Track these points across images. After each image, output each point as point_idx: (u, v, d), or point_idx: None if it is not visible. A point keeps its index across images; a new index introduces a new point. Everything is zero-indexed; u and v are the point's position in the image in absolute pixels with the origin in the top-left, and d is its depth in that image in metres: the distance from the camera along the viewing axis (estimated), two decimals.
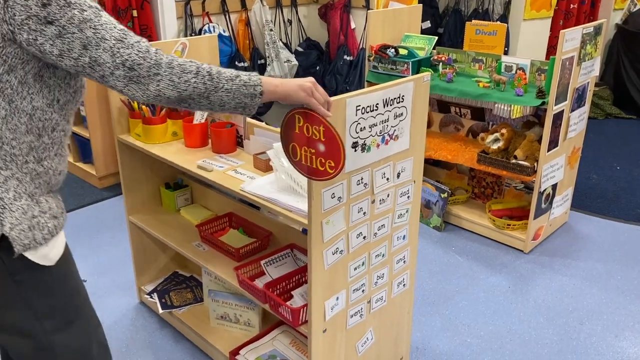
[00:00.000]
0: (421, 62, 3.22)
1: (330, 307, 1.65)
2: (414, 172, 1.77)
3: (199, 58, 2.31)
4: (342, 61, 4.12)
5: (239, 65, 3.81)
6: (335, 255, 1.60)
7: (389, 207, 1.73)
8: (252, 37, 3.99)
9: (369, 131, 1.55)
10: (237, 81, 1.26)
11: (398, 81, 1.59)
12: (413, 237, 1.89)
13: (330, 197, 1.51)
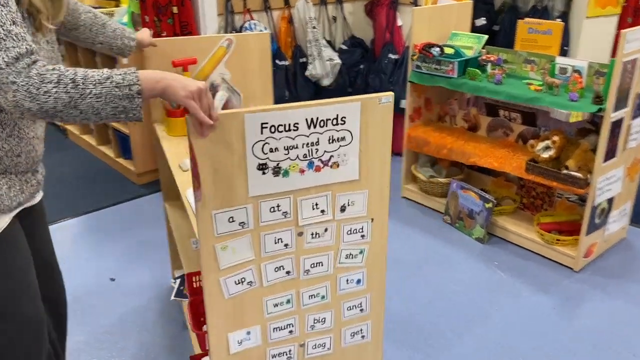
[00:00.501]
0: (468, 62, 3.02)
1: (237, 340, 1.51)
2: (371, 209, 1.48)
3: (248, 57, 2.24)
4: (387, 60, 3.96)
5: (279, 63, 3.73)
6: (241, 286, 1.45)
7: (328, 243, 1.49)
8: (295, 35, 3.89)
9: (286, 153, 1.33)
10: (108, 84, 1.13)
11: (331, 100, 1.32)
12: (377, 283, 1.61)
13: (227, 221, 1.35)
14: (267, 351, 1.57)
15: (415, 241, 3.06)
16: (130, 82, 1.14)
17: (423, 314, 2.46)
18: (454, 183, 3.18)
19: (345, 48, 4.16)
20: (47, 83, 1.10)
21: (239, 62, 2.31)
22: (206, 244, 1.36)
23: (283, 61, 3.76)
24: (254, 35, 2.28)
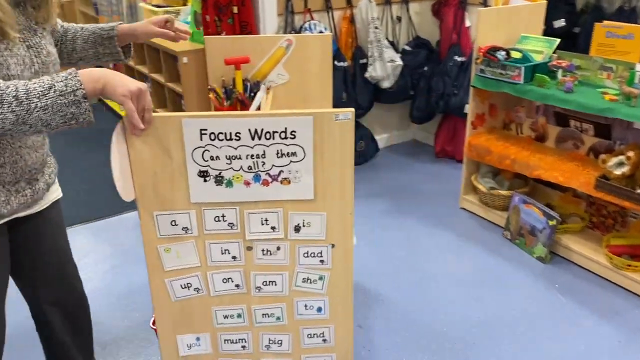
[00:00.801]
0: (536, 68, 2.81)
1: (187, 344, 1.50)
2: (331, 234, 1.36)
3: (308, 58, 2.19)
4: (452, 62, 3.77)
5: (338, 64, 3.64)
6: (187, 291, 1.43)
7: (282, 263, 1.41)
8: (356, 36, 3.79)
9: (228, 163, 1.28)
10: (52, 93, 1.10)
11: (279, 112, 1.26)
12: (342, 315, 1.47)
13: (169, 224, 1.34)
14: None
15: (471, 256, 2.88)
16: (74, 88, 1.11)
17: (471, 335, 2.31)
18: (516, 196, 2.98)
19: (409, 49, 4.01)
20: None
21: (298, 64, 2.27)
22: (149, 244, 1.36)
23: (342, 62, 3.67)
24: (315, 37, 2.23)
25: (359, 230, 3.11)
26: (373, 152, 4.09)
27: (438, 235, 3.08)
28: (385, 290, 2.61)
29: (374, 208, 3.39)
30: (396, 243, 3.01)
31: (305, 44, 2.23)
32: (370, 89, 3.87)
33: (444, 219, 3.25)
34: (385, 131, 4.33)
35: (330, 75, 2.31)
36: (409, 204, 3.43)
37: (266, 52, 2.27)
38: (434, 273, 2.74)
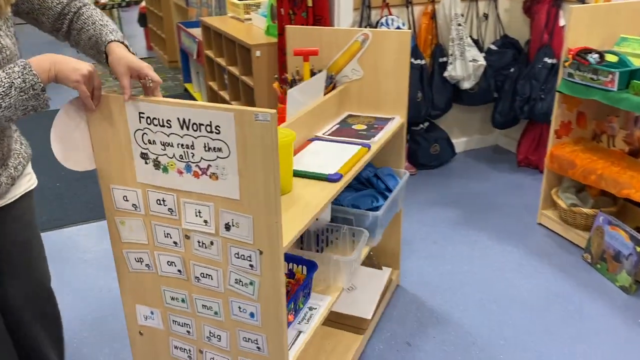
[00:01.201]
0: (634, 74, 2.49)
1: (143, 315, 1.57)
2: (258, 240, 1.27)
3: (384, 54, 2.09)
4: (542, 64, 3.46)
5: (414, 62, 3.45)
6: (140, 265, 1.48)
7: (216, 258, 1.37)
8: (437, 32, 3.58)
9: (163, 149, 1.29)
10: (13, 92, 1.13)
11: (205, 104, 1.20)
12: (273, 328, 1.37)
13: (122, 199, 1.41)
14: (169, 339, 1.57)
15: (543, 278, 2.62)
16: (32, 82, 1.15)
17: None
18: (601, 216, 2.67)
19: (495, 49, 3.74)
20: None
21: (373, 59, 2.17)
22: (109, 213, 1.44)
23: (419, 60, 3.48)
24: (393, 33, 2.10)
25: (420, 240, 2.93)
26: (449, 156, 3.87)
27: (508, 252, 2.83)
28: (443, 307, 2.43)
29: (440, 217, 3.18)
30: (460, 257, 2.80)
31: (381, 39, 2.12)
32: (448, 90, 3.66)
33: (518, 234, 2.99)
34: (464, 135, 4.09)
35: (406, 75, 2.17)
36: (480, 216, 3.19)
37: (342, 45, 2.18)
38: (499, 294, 2.51)
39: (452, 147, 3.87)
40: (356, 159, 1.78)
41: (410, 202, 3.34)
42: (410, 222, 3.12)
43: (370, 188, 2.09)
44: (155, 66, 6.84)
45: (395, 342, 2.23)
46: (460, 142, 4.06)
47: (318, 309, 1.66)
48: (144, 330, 1.60)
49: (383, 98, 2.22)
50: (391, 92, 2.20)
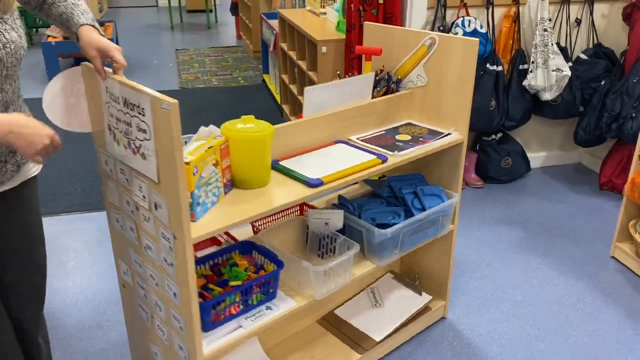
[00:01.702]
0: None
1: (123, 270, 1.69)
2: (173, 223, 1.29)
3: (449, 62, 1.93)
4: (637, 78, 3.09)
5: (490, 68, 3.20)
6: (117, 225, 1.60)
7: (152, 233, 1.42)
8: (519, 37, 3.30)
9: (116, 123, 1.38)
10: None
11: (136, 85, 1.25)
12: (188, 318, 1.38)
13: (104, 162, 1.54)
14: (136, 297, 1.66)
15: (607, 320, 2.33)
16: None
17: None
18: None
19: (585, 58, 3.39)
20: None
21: (438, 67, 1.98)
22: (101, 174, 1.58)
23: (495, 65, 3.22)
24: (459, 40, 1.88)
25: (473, 260, 2.72)
26: (522, 171, 3.57)
27: (571, 285, 2.55)
28: (482, 339, 2.22)
29: (500, 237, 2.94)
30: (514, 284, 2.56)
31: (447, 45, 1.91)
32: (527, 100, 3.37)
33: (585, 266, 2.69)
34: (543, 149, 3.76)
35: (470, 87, 1.94)
36: (545, 240, 2.91)
37: (411, 47, 2.02)
38: (550, 332, 2.26)
39: (526, 162, 3.58)
40: (357, 169, 1.65)
41: (471, 217, 3.11)
42: (466, 239, 2.90)
43: (401, 205, 1.93)
44: (241, 55, 6.95)
45: None
46: (537, 157, 3.74)
47: (274, 311, 1.58)
48: (126, 284, 1.72)
49: (444, 110, 2.01)
50: (452, 104, 1.98)
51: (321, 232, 1.82)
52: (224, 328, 1.51)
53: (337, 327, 2.09)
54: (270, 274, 1.59)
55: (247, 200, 1.48)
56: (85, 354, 2.12)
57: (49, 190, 3.37)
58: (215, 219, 1.38)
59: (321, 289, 1.66)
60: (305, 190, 1.54)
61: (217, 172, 1.42)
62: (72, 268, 2.64)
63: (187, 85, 5.61)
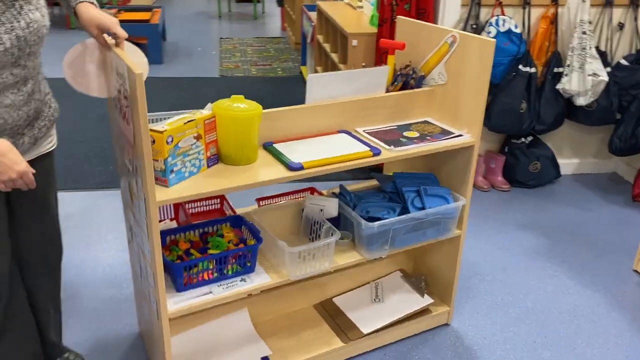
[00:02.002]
0: None
1: (127, 237, 1.87)
2: (144, 185, 1.38)
3: (467, 62, 1.89)
4: None
5: (523, 69, 3.12)
6: (125, 186, 1.70)
7: (136, 194, 1.53)
8: (556, 39, 3.20)
9: (118, 93, 1.47)
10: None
11: (122, 54, 1.39)
12: (156, 272, 1.48)
13: (114, 127, 1.68)
14: (134, 255, 1.80)
15: (621, 335, 2.25)
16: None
17: None
18: None
19: (626, 64, 3.26)
20: None
21: (458, 66, 1.94)
22: (113, 141, 1.75)
23: (529, 67, 3.15)
24: (477, 40, 1.84)
25: (488, 263, 2.68)
26: (551, 176, 3.48)
27: (587, 296, 2.48)
28: (487, 343, 2.19)
29: (520, 242, 2.88)
30: (527, 290, 2.51)
31: (466, 44, 1.88)
32: (560, 104, 3.27)
33: (605, 277, 2.61)
34: (576, 156, 3.65)
35: (485, 89, 1.87)
36: (567, 248, 2.83)
37: (435, 44, 2.00)
38: (557, 341, 2.21)
39: (556, 168, 3.48)
40: (343, 158, 1.66)
41: (493, 220, 3.06)
42: (485, 241, 2.86)
43: (400, 202, 1.92)
44: (283, 46, 7.01)
45: None
46: (569, 163, 3.63)
47: (248, 283, 1.66)
48: (129, 243, 1.85)
49: (460, 111, 1.96)
50: (468, 105, 1.93)
51: (314, 218, 1.84)
52: (195, 291, 1.61)
53: (331, 314, 2.11)
54: (246, 247, 1.66)
55: (226, 175, 1.55)
56: (97, 323, 2.21)
57: (83, 167, 3.50)
58: (187, 188, 1.48)
59: (295, 270, 1.70)
60: (285, 173, 1.58)
61: (199, 145, 1.49)
62: (94, 241, 2.75)
63: (227, 74, 5.71)
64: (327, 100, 1.82)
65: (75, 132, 4.00)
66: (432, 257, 2.26)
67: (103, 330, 2.17)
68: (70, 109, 4.38)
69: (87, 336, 2.14)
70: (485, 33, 3.11)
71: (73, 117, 4.28)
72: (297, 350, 1.94)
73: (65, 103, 4.66)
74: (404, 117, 2.03)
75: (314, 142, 1.76)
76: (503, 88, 3.18)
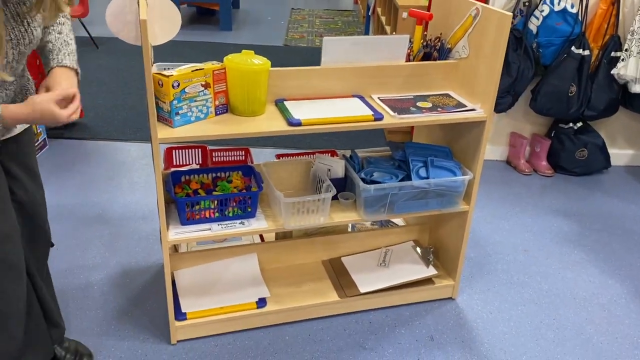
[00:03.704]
0: None
1: None
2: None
3: (486, 35, 1.89)
4: None
5: (575, 51, 3.00)
6: None
7: None
8: (616, 22, 3.05)
9: None
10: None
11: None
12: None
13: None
14: None
15: (636, 327, 2.20)
16: None
17: None
18: None
19: None
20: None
21: (478, 39, 1.94)
22: None
23: (582, 49, 3.03)
24: (495, 13, 1.81)
25: (511, 244, 2.66)
26: (599, 165, 3.36)
27: (607, 285, 2.42)
28: (492, 317, 2.21)
29: (551, 227, 2.83)
30: (546, 273, 2.48)
31: (486, 18, 1.86)
32: (614, 90, 3.14)
33: (631, 271, 2.53)
34: (631, 146, 3.49)
35: (499, 64, 1.85)
36: (599, 237, 2.76)
37: (462, 17, 2.01)
38: (565, 324, 2.19)
39: (606, 157, 3.35)
40: (344, 119, 1.72)
41: (527, 203, 3.02)
42: (512, 223, 2.84)
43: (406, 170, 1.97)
44: (352, 19, 7.03)
45: (419, 331, 2.12)
46: (622, 154, 3.48)
47: (245, 226, 1.79)
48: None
49: (476, 84, 1.95)
50: (483, 80, 1.92)
51: (320, 176, 1.93)
52: (196, 226, 1.77)
53: (336, 271, 2.20)
54: (246, 193, 1.80)
55: (229, 123, 1.67)
56: (137, 258, 2.43)
57: (139, 119, 3.76)
58: (189, 130, 1.61)
59: (290, 220, 1.81)
60: (284, 127, 1.67)
61: (206, 93, 1.61)
62: (139, 187, 2.98)
63: (290, 43, 5.83)
64: (343, 64, 1.89)
65: (136, 86, 4.28)
66: (444, 230, 2.29)
67: (136, 262, 2.39)
68: (130, 63, 4.66)
69: (125, 264, 2.36)
70: (539, 11, 3.02)
71: (137, 70, 4.55)
72: (293, 297, 2.06)
73: (122, 59, 4.97)
74: (424, 88, 2.05)
75: (324, 103, 1.84)
76: (553, 70, 3.09)
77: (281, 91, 1.84)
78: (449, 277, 2.26)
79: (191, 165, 2.30)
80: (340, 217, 1.89)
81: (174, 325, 1.91)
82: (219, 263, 2.09)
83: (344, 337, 2.05)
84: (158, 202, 1.67)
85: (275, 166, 2.02)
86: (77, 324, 2.05)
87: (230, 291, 2.04)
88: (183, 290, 2.02)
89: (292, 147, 3.48)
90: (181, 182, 1.87)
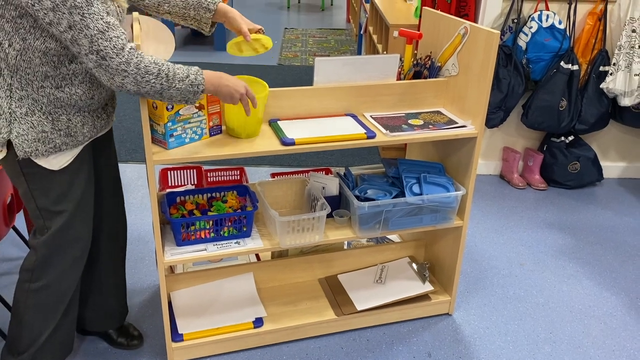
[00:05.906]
0: None
1: None
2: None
3: (474, 53, 1.93)
4: None
5: (564, 66, 3.05)
6: None
7: None
8: (603, 37, 3.11)
9: None
10: (187, 81, 1.45)
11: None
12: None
13: None
14: None
15: (633, 339, 2.20)
16: (199, 83, 1.47)
17: None
18: None
19: None
20: (149, 74, 1.38)
21: (467, 57, 1.98)
22: None
23: (570, 64, 3.08)
24: (483, 31, 1.86)
25: (506, 258, 2.68)
26: (591, 178, 3.38)
27: (603, 299, 2.43)
28: (488, 332, 2.21)
29: (545, 240, 2.84)
30: (541, 287, 2.49)
31: (475, 36, 1.90)
32: (604, 104, 3.18)
33: (628, 283, 2.54)
34: (622, 159, 3.53)
35: (488, 81, 1.88)
36: (594, 250, 2.77)
37: (451, 35, 2.05)
38: (562, 338, 2.19)
39: (598, 170, 3.38)
40: (336, 138, 1.74)
41: (521, 217, 3.04)
42: (507, 237, 2.85)
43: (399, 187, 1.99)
44: (344, 38, 7.10)
45: (417, 347, 2.12)
46: (614, 166, 3.52)
47: (241, 246, 1.79)
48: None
49: (467, 102, 1.99)
50: (473, 97, 1.95)
51: (315, 194, 1.95)
52: (192, 247, 1.77)
53: (332, 289, 2.21)
54: (241, 212, 1.81)
55: (223, 144, 1.69)
56: (133, 280, 2.42)
57: (136, 141, 3.78)
58: (183, 152, 1.62)
59: (285, 239, 1.82)
60: (277, 147, 1.69)
61: (201, 114, 1.63)
62: (135, 208, 2.99)
63: (284, 62, 5.88)
64: (335, 84, 1.91)
65: (132, 108, 4.30)
66: (439, 246, 2.31)
67: (133, 283, 2.39)
68: None
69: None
70: (527, 28, 3.07)
71: (132, 96, 4.58)
72: (290, 316, 2.06)
73: None
74: (415, 106, 2.08)
75: (317, 122, 1.86)
76: (543, 85, 3.13)
77: (275, 111, 1.86)
78: (445, 293, 2.27)
79: (186, 186, 2.31)
80: (336, 234, 1.90)
81: (171, 346, 1.91)
82: (215, 283, 2.09)
83: (342, 355, 2.05)
84: (153, 224, 1.68)
85: (270, 185, 2.03)
86: (74, 346, 2.04)
87: (227, 311, 2.04)
88: (180, 311, 2.02)
89: (287, 166, 3.50)
90: (176, 203, 1.88)
